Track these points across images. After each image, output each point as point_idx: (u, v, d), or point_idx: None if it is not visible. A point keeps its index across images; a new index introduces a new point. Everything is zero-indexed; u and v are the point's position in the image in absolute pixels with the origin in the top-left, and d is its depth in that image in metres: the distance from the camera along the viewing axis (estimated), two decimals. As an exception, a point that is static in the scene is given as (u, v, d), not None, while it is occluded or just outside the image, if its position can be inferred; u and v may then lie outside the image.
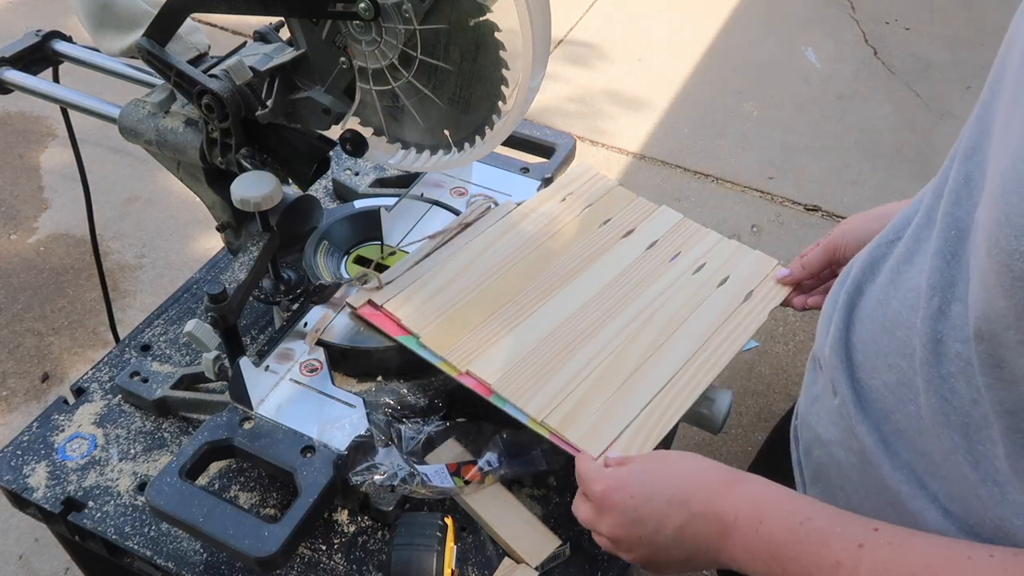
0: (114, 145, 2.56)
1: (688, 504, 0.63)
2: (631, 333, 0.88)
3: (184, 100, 0.83)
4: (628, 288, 0.93)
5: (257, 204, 0.79)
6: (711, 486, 0.64)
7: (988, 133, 0.52)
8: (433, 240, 0.98)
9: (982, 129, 0.53)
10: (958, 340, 0.51)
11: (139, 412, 0.92)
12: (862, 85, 3.03)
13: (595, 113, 2.88)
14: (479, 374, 0.83)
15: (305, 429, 0.79)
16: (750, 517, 0.60)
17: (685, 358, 0.85)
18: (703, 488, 0.64)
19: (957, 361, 0.52)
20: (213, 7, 0.76)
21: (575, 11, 3.40)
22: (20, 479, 0.86)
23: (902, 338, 0.57)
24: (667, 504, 0.64)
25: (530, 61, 0.74)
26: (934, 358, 0.53)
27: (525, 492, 0.86)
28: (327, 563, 0.80)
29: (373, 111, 0.83)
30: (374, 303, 0.90)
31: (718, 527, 0.62)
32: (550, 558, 0.80)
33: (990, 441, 0.51)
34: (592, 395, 0.82)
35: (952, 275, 0.53)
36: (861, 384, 0.63)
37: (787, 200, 2.62)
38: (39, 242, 2.35)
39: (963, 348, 0.51)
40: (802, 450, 0.73)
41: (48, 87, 0.94)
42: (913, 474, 0.59)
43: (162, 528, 0.82)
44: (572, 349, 0.86)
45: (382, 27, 0.74)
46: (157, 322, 1.02)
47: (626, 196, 1.06)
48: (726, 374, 0.88)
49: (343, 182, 1.15)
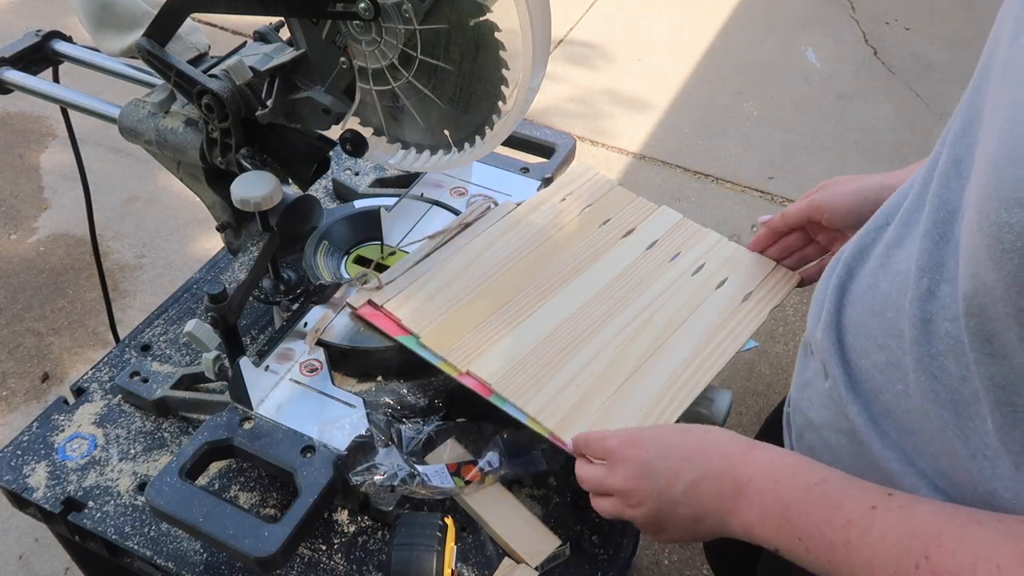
0: (114, 145, 2.56)
1: (704, 462, 0.64)
2: (631, 333, 0.88)
3: (184, 100, 0.83)
4: (628, 288, 0.93)
5: (257, 204, 0.79)
6: (728, 448, 0.65)
7: (978, 116, 0.53)
8: (433, 240, 0.98)
9: (972, 113, 0.54)
10: (947, 319, 0.52)
11: (139, 412, 0.92)
12: (862, 85, 3.03)
13: (595, 113, 2.88)
14: (479, 374, 0.83)
15: (305, 429, 0.79)
16: (765, 478, 0.61)
17: (685, 358, 0.85)
18: (720, 449, 0.65)
19: (946, 340, 0.52)
20: (213, 7, 0.76)
21: (575, 11, 3.40)
22: (20, 479, 0.86)
23: (891, 319, 0.58)
24: (683, 460, 0.65)
25: (530, 61, 0.74)
26: (924, 337, 0.54)
27: (525, 492, 0.86)
28: (327, 563, 0.80)
29: (373, 111, 0.83)
30: (374, 303, 0.90)
31: (732, 487, 0.62)
32: (550, 558, 0.80)
33: (979, 417, 0.52)
34: (592, 395, 0.82)
35: (941, 256, 0.54)
36: (851, 365, 0.63)
37: (787, 200, 2.62)
38: (39, 242, 2.35)
39: (952, 327, 0.52)
40: (794, 436, 0.74)
41: (48, 87, 0.94)
42: (903, 452, 0.59)
43: (162, 528, 0.82)
44: (572, 349, 0.86)
45: (382, 27, 0.74)
46: (157, 322, 1.02)
47: (626, 196, 1.06)
48: (726, 374, 0.88)
49: (343, 182, 1.15)
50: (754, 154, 2.75)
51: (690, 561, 1.74)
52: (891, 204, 0.66)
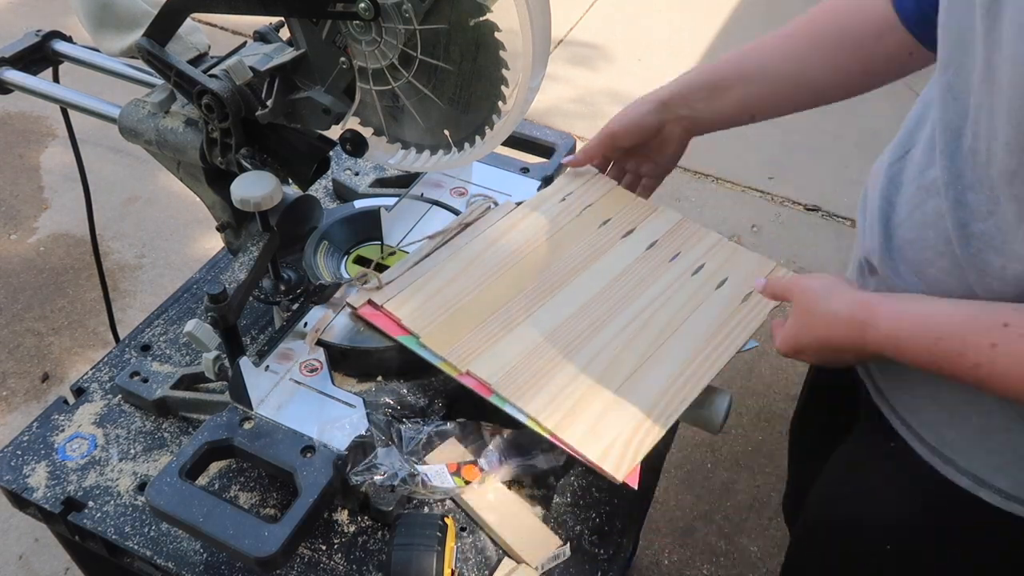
0: (114, 145, 2.56)
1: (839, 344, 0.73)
2: (631, 334, 0.88)
3: (184, 100, 0.83)
4: (628, 288, 0.93)
5: (257, 204, 0.79)
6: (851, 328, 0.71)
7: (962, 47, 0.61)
8: (433, 240, 0.98)
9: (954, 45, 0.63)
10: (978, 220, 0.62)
11: (139, 412, 0.92)
12: (862, 85, 3.02)
13: (596, 113, 2.88)
14: (479, 374, 0.83)
15: (305, 429, 0.79)
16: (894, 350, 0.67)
17: (684, 358, 0.85)
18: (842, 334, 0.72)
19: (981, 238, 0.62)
20: (213, 7, 0.76)
21: (575, 11, 3.40)
22: (20, 479, 0.86)
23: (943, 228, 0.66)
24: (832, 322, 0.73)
25: (530, 61, 0.74)
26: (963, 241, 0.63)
27: (525, 492, 0.86)
28: (327, 563, 0.80)
29: (373, 111, 0.83)
30: (374, 303, 0.90)
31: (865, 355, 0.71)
32: (550, 558, 0.80)
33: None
34: (592, 395, 0.82)
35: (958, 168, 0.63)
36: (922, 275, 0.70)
37: (787, 200, 2.62)
38: (39, 242, 2.35)
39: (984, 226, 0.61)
40: None
41: (48, 87, 0.94)
42: None
43: (162, 528, 0.82)
44: (572, 349, 0.86)
45: (382, 27, 0.74)
46: (157, 322, 1.02)
47: (626, 196, 1.06)
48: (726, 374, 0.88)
49: (343, 182, 1.15)
50: (754, 154, 2.75)
51: (690, 561, 1.74)
52: (904, 134, 0.75)
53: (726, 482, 1.88)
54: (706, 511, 1.82)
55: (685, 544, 1.77)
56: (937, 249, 0.67)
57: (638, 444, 0.78)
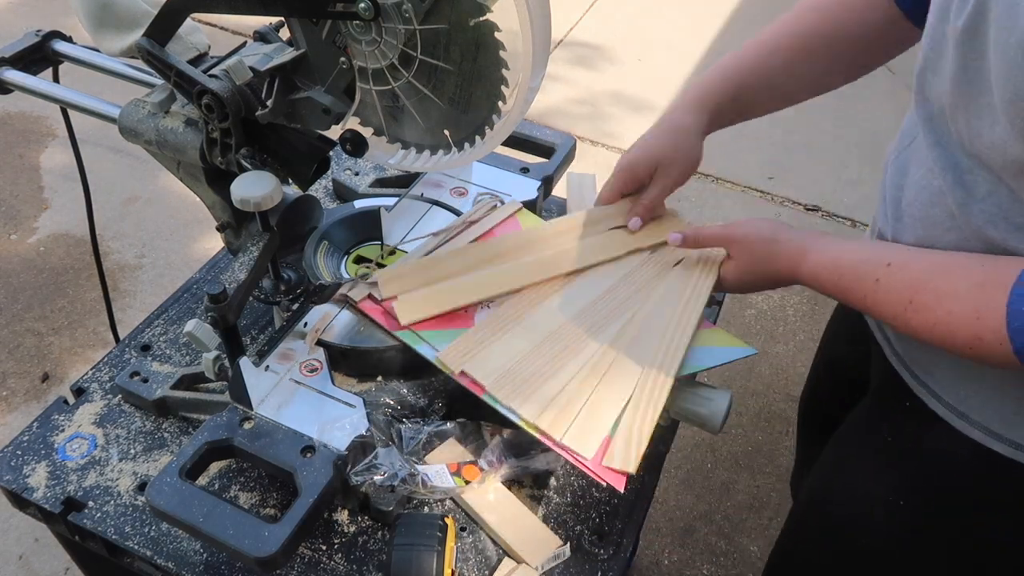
0: (114, 145, 2.56)
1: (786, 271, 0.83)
2: (616, 333, 0.88)
3: (184, 100, 0.83)
4: (632, 290, 0.93)
5: (257, 204, 0.79)
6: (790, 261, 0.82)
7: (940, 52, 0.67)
8: (436, 237, 0.98)
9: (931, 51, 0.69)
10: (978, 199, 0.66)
11: (139, 412, 0.92)
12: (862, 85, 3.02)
13: (597, 114, 2.88)
14: (474, 374, 0.82)
15: (305, 429, 0.79)
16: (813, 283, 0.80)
17: (656, 344, 0.85)
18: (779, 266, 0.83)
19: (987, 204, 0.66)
20: (213, 7, 0.76)
21: (575, 11, 3.40)
22: (20, 479, 0.86)
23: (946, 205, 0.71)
24: None
25: (530, 61, 0.74)
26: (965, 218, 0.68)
27: (525, 492, 0.86)
28: (327, 563, 0.80)
29: (373, 111, 0.83)
30: (374, 298, 0.90)
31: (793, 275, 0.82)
32: (550, 558, 0.80)
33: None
34: (579, 395, 0.81)
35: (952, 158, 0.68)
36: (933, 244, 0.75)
37: (787, 200, 2.62)
38: (39, 242, 2.35)
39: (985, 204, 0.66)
40: None
41: (48, 87, 0.94)
42: None
43: (162, 528, 0.82)
44: (570, 351, 0.86)
45: (382, 27, 0.74)
46: (157, 322, 1.02)
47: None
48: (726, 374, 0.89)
49: (343, 182, 1.15)
50: (754, 154, 2.75)
51: (690, 561, 1.74)
52: (908, 125, 0.80)
53: (726, 482, 1.88)
54: (706, 511, 1.82)
55: (685, 544, 1.77)
56: (944, 225, 0.71)
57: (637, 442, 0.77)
